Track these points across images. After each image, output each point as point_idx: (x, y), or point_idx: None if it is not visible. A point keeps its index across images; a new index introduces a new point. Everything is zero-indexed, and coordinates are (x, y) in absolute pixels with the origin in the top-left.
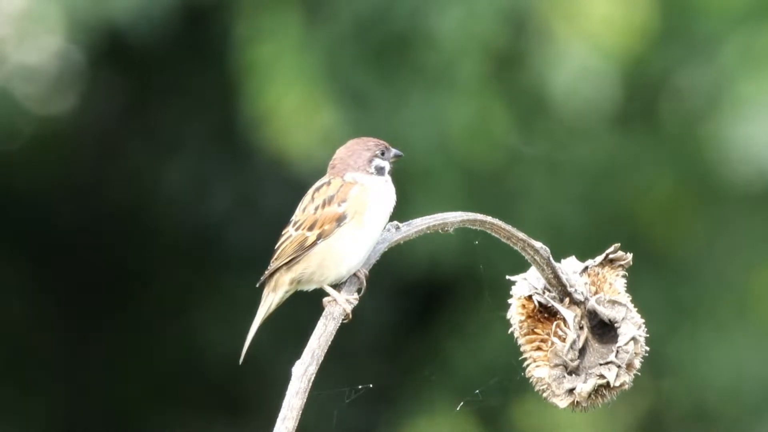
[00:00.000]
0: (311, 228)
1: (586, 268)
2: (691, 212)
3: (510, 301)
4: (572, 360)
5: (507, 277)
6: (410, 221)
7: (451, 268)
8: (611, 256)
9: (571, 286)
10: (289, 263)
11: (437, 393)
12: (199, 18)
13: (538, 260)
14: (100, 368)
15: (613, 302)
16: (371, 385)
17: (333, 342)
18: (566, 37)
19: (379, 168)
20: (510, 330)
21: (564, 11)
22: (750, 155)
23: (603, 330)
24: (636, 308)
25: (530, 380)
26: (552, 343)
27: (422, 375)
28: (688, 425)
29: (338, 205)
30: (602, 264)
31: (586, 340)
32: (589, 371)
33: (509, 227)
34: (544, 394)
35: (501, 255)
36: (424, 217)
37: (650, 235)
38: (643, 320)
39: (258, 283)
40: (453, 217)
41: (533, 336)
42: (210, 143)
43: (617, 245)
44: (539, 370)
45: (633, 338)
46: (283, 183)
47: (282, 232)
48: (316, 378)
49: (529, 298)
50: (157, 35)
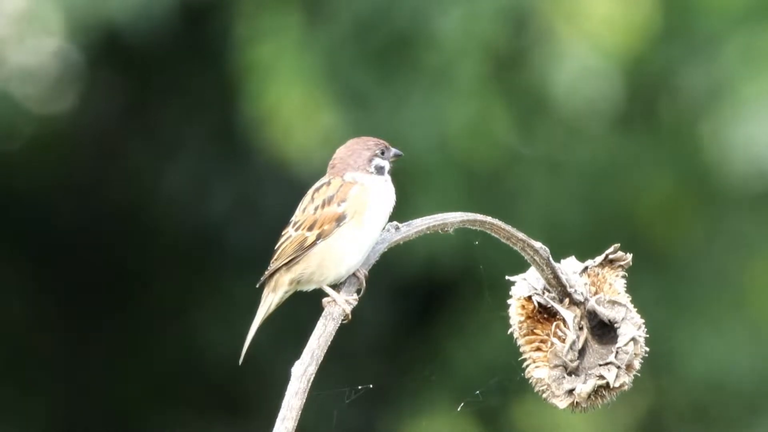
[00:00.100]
0: (311, 228)
1: (586, 269)
2: (691, 212)
3: (509, 302)
4: (572, 360)
5: (506, 278)
6: (410, 221)
7: (451, 268)
8: (611, 257)
9: (571, 287)
10: (289, 263)
11: (437, 393)
12: (199, 18)
13: (538, 260)
14: (100, 368)
15: (613, 303)
16: (371, 385)
17: (333, 342)
18: (567, 37)
19: (379, 167)
20: (509, 330)
21: (565, 11)
22: (750, 155)
23: (603, 330)
24: (636, 308)
25: (530, 381)
26: (551, 344)
27: (422, 375)
28: (687, 421)
29: (338, 205)
30: (602, 264)
31: (586, 341)
32: (589, 372)
33: (509, 227)
34: (544, 395)
35: (501, 255)
36: (424, 218)
37: (649, 235)
38: (643, 320)
39: (258, 284)
40: (453, 218)
41: (533, 336)
42: (210, 143)
43: (617, 245)
44: (539, 371)
45: (633, 339)
46: (283, 183)
47: (282, 233)
48: (316, 378)
49: (529, 299)
50: (157, 35)
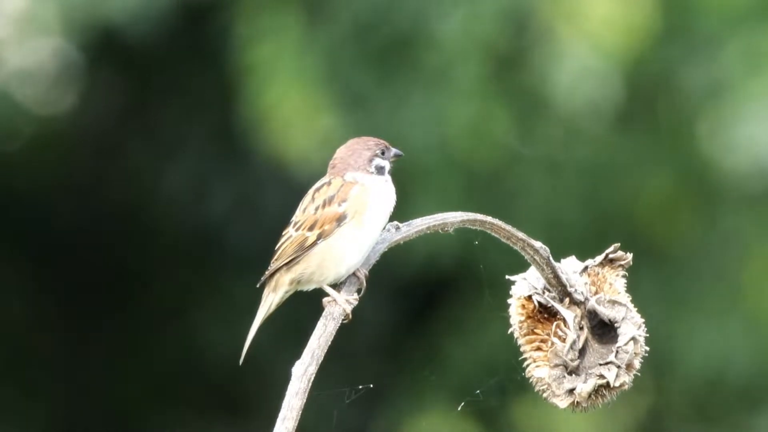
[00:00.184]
0: (311, 228)
1: (586, 268)
2: (690, 210)
3: (510, 301)
4: (572, 360)
5: (507, 277)
6: (410, 221)
7: (451, 268)
8: (611, 256)
9: (571, 286)
10: (290, 263)
11: (437, 393)
12: (199, 18)
13: (538, 260)
14: (100, 368)
15: (613, 302)
16: (371, 385)
17: (333, 342)
18: (567, 38)
19: (380, 167)
20: (510, 330)
21: (565, 11)
22: (750, 155)
23: (603, 330)
24: (635, 304)
25: (530, 380)
26: (552, 344)
27: (422, 375)
28: (685, 415)
29: (338, 205)
30: (602, 264)
31: (586, 340)
32: (589, 371)
33: (509, 227)
34: (545, 395)
35: (501, 254)
36: (424, 217)
37: (648, 232)
38: (643, 320)
39: (258, 284)
40: (453, 218)
41: (533, 336)
42: (210, 143)
43: (617, 245)
44: (539, 371)
45: (633, 338)
46: (283, 183)
47: (282, 233)
48: (316, 378)
49: (529, 298)
50: (156, 35)
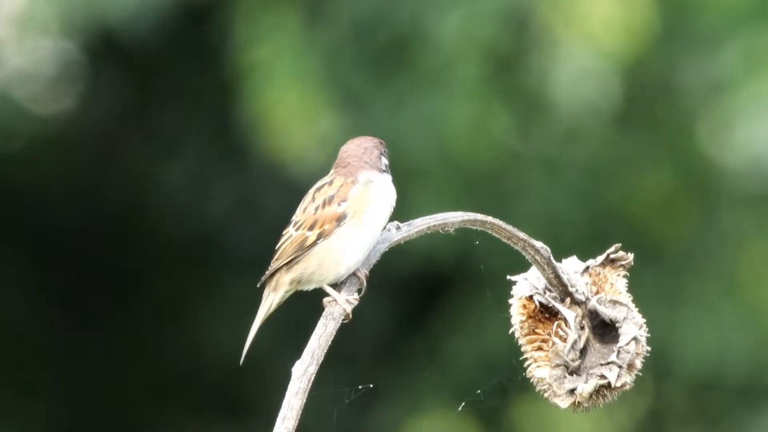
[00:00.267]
0: (311, 228)
1: (587, 268)
2: (689, 209)
3: (511, 301)
4: (573, 360)
5: (508, 277)
6: (410, 221)
7: (451, 268)
8: (612, 256)
9: (572, 286)
10: (290, 263)
11: (437, 393)
12: (199, 18)
13: (539, 260)
14: (100, 368)
15: (615, 302)
16: (371, 385)
17: (333, 342)
18: (566, 39)
19: (387, 165)
20: (511, 330)
21: (564, 12)
22: (749, 155)
23: (604, 330)
24: (635, 300)
25: (531, 380)
26: (553, 343)
27: (422, 375)
28: (683, 414)
29: (338, 205)
30: (603, 264)
31: (587, 340)
32: (591, 371)
33: (510, 227)
34: (546, 395)
35: (502, 253)
36: (425, 217)
37: (647, 231)
38: (644, 320)
39: (258, 284)
40: (453, 217)
41: (534, 336)
42: (210, 144)
43: (618, 245)
44: (540, 371)
45: (634, 338)
46: (283, 184)
47: (282, 233)
48: (316, 378)
49: (530, 298)
50: (156, 36)
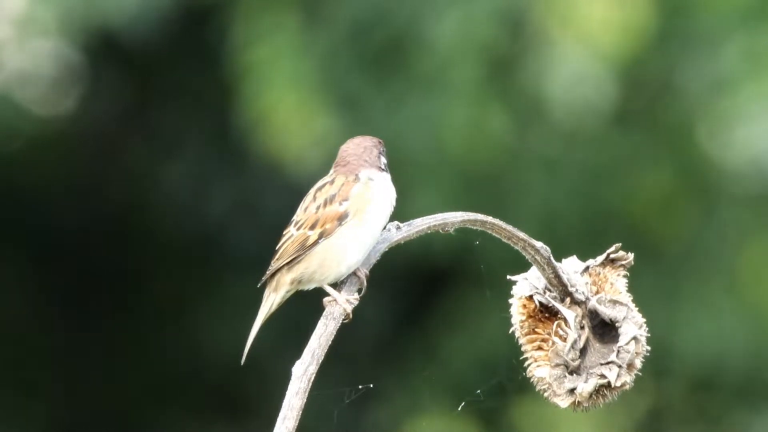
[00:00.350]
0: (313, 227)
1: (587, 268)
2: (690, 209)
3: (511, 301)
4: (573, 360)
5: (508, 277)
6: (410, 221)
7: (451, 268)
8: (612, 256)
9: (572, 286)
10: (291, 263)
11: (437, 393)
12: (198, 20)
13: (539, 260)
14: (100, 368)
15: (614, 302)
16: (371, 385)
17: (333, 342)
18: (562, 41)
19: (386, 164)
20: (511, 330)
21: (560, 14)
22: (748, 155)
23: (604, 330)
24: (634, 302)
25: (531, 380)
26: (553, 343)
27: (422, 375)
28: (683, 412)
29: (339, 204)
30: (603, 264)
31: (587, 340)
32: (590, 371)
33: (510, 227)
34: (545, 394)
35: (502, 252)
36: (425, 217)
37: (646, 229)
38: (644, 319)
39: (259, 284)
40: (453, 217)
41: (534, 336)
42: (210, 144)
43: (618, 245)
44: (540, 370)
45: (634, 338)
46: (283, 184)
47: (283, 232)
48: (316, 378)
49: (530, 298)
50: (156, 36)
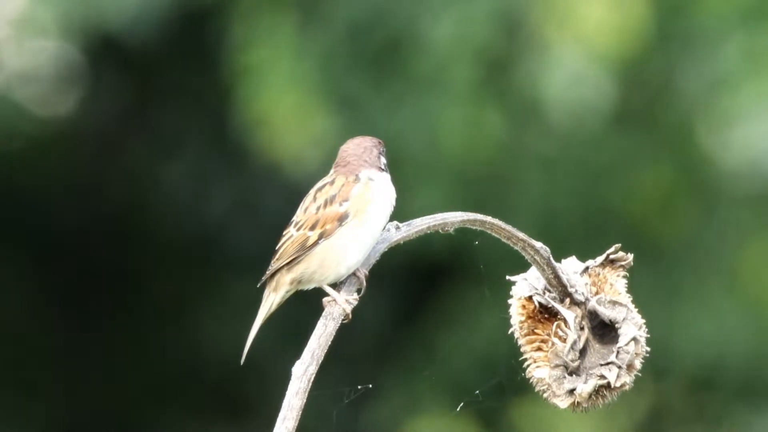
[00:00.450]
0: (313, 228)
1: (587, 269)
2: (689, 208)
3: (510, 302)
4: (573, 360)
5: (507, 278)
6: (410, 221)
7: (450, 267)
8: (612, 257)
9: (572, 287)
10: (291, 263)
11: (437, 393)
12: (198, 20)
13: (539, 260)
14: (100, 368)
15: (614, 303)
16: (371, 385)
17: (332, 342)
18: (558, 43)
19: (385, 164)
20: (510, 330)
21: (557, 15)
22: (747, 155)
23: (603, 330)
24: (634, 301)
25: (530, 381)
26: (552, 344)
27: (421, 375)
28: (683, 411)
29: (339, 205)
30: (603, 264)
31: (587, 341)
32: (590, 372)
33: (509, 227)
34: (545, 395)
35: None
36: (424, 217)
37: (647, 230)
38: (644, 320)
39: (259, 284)
40: (453, 218)
41: (533, 336)
42: (209, 144)
43: (618, 246)
44: (540, 371)
45: (634, 339)
46: (283, 184)
47: (283, 233)
48: (316, 378)
49: (530, 299)
50: (155, 37)
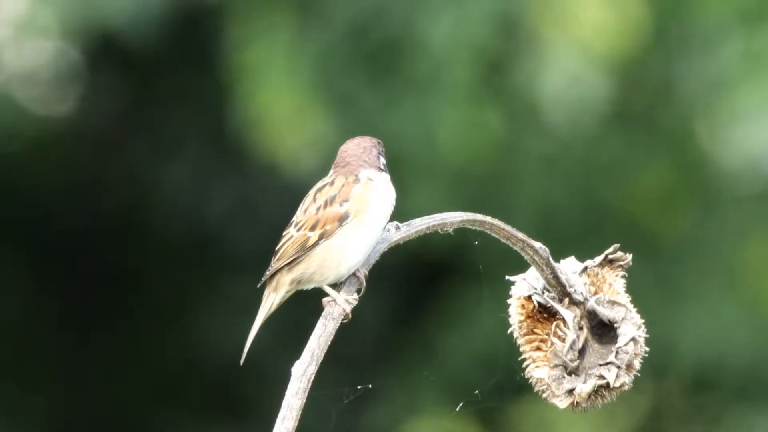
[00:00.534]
0: (313, 228)
1: (586, 269)
2: (689, 207)
3: (509, 302)
4: (572, 360)
5: (506, 278)
6: (410, 221)
7: (450, 267)
8: (611, 257)
9: (571, 287)
10: (291, 264)
11: (436, 393)
12: (197, 20)
13: (538, 260)
14: (100, 368)
15: (613, 303)
16: (370, 386)
17: (332, 342)
18: (556, 44)
19: (384, 164)
20: (509, 330)
21: (556, 17)
22: (747, 155)
23: (602, 330)
24: (633, 299)
25: (530, 381)
26: (551, 344)
27: (421, 375)
28: (683, 411)
29: (340, 205)
30: (602, 264)
31: (586, 341)
32: (589, 372)
33: (509, 227)
34: (544, 395)
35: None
36: (424, 218)
37: (647, 228)
38: (643, 320)
39: (259, 284)
40: (452, 218)
41: (533, 336)
42: (209, 144)
43: (617, 246)
44: (539, 371)
45: (632, 339)
46: (282, 184)
47: (283, 233)
48: (316, 378)
49: (529, 299)
50: (155, 37)
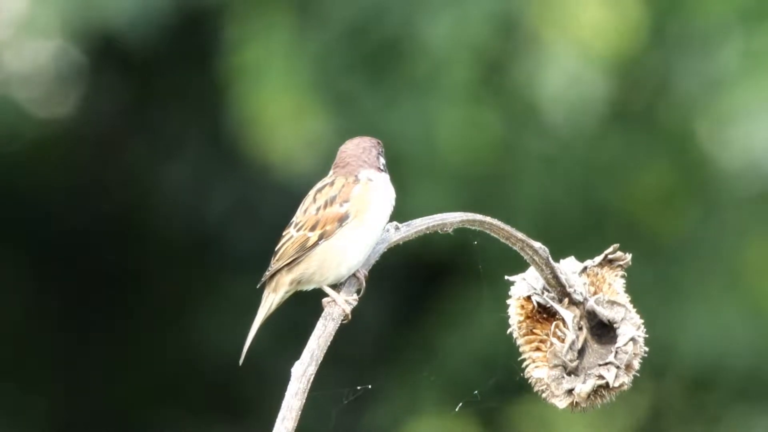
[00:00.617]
0: (313, 228)
1: (585, 269)
2: (689, 207)
3: (509, 302)
4: (571, 360)
5: (506, 278)
6: (409, 222)
7: (449, 267)
8: (610, 257)
9: (570, 287)
10: (290, 264)
11: (436, 393)
12: (197, 20)
13: (537, 260)
14: (100, 368)
15: (612, 303)
16: (370, 386)
17: (332, 342)
18: (555, 44)
19: (384, 164)
20: (509, 330)
21: (555, 17)
22: (746, 155)
23: (602, 331)
24: (633, 298)
25: (529, 381)
26: (551, 344)
27: (421, 375)
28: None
29: (340, 206)
30: (601, 264)
31: (585, 341)
32: (588, 372)
33: (508, 227)
34: (544, 395)
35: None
36: (424, 218)
37: (646, 228)
38: (643, 320)
39: (258, 284)
40: (452, 218)
41: (532, 336)
42: (209, 145)
43: (616, 246)
44: (538, 371)
45: (632, 339)
46: (282, 185)
47: (282, 234)
48: (315, 378)
49: (528, 299)
50: (155, 37)
